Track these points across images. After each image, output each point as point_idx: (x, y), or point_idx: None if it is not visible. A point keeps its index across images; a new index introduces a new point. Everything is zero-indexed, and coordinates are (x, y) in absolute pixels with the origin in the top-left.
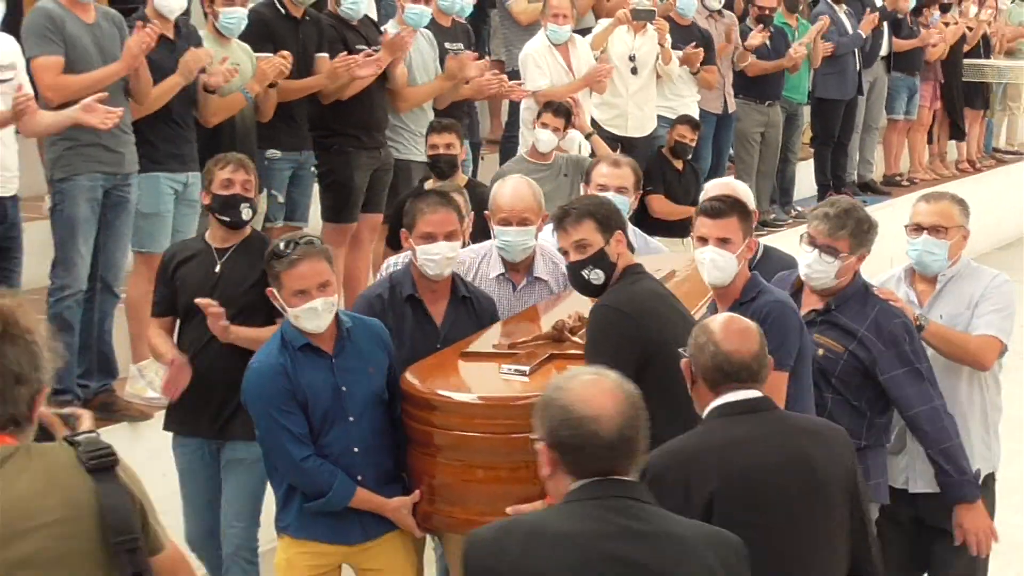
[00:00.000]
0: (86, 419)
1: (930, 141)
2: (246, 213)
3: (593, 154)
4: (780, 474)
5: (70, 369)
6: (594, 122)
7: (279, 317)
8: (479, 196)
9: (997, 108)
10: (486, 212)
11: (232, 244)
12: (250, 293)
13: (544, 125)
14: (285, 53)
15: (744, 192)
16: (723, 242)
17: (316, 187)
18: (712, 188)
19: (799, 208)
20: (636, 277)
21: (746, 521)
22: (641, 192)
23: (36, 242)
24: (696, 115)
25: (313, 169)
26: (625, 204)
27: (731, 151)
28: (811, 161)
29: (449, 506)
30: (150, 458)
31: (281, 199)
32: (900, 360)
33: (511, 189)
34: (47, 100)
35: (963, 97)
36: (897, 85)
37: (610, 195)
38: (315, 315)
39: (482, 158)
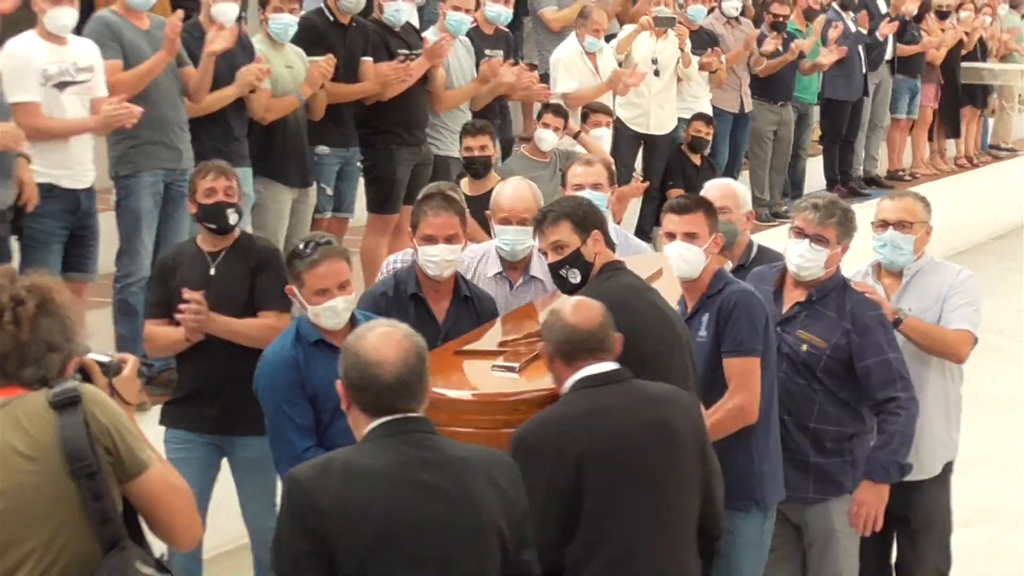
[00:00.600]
0: (129, 364)
1: (931, 139)
2: (232, 218)
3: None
4: (642, 437)
5: (136, 350)
6: (619, 120)
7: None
8: None
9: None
10: (487, 212)
11: (223, 248)
12: (244, 294)
13: (546, 125)
14: (329, 57)
15: (742, 193)
16: (690, 237)
17: (362, 181)
18: (711, 187)
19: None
20: (612, 273)
21: (612, 481)
22: (656, 184)
23: (102, 233)
24: (710, 113)
25: (359, 164)
26: (603, 200)
27: (747, 147)
28: (820, 157)
29: None
30: None
31: (330, 192)
32: (872, 349)
33: (511, 190)
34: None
35: (961, 98)
36: (900, 87)
37: (587, 193)
38: (335, 314)
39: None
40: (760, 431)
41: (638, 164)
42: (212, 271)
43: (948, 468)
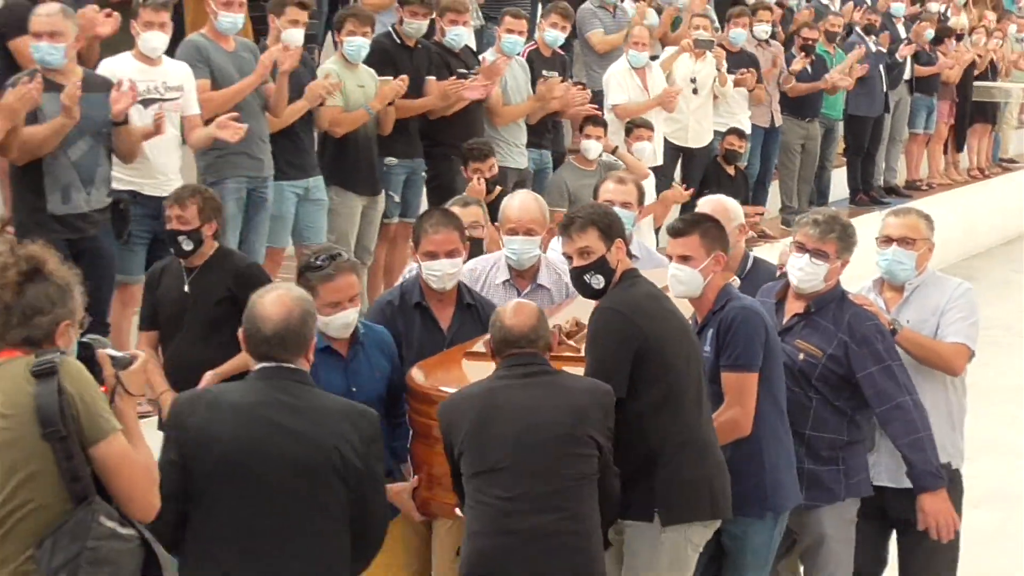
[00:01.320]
0: (139, 360)
1: (945, 152)
2: (186, 245)
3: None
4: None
5: None
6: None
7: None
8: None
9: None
10: (496, 224)
11: (196, 265)
12: (217, 308)
13: (587, 136)
14: (403, 77)
15: (733, 207)
16: (683, 259)
17: (425, 189)
18: (704, 204)
19: (834, 209)
20: (633, 281)
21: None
22: (694, 193)
23: None
24: (748, 129)
25: (423, 174)
26: (630, 217)
27: (776, 159)
28: (844, 168)
29: (445, 493)
30: None
31: (397, 199)
32: (873, 358)
33: (519, 202)
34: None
35: (971, 114)
36: (918, 104)
37: (615, 210)
38: (346, 325)
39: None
40: (771, 439)
41: (677, 174)
42: (187, 287)
43: (956, 475)
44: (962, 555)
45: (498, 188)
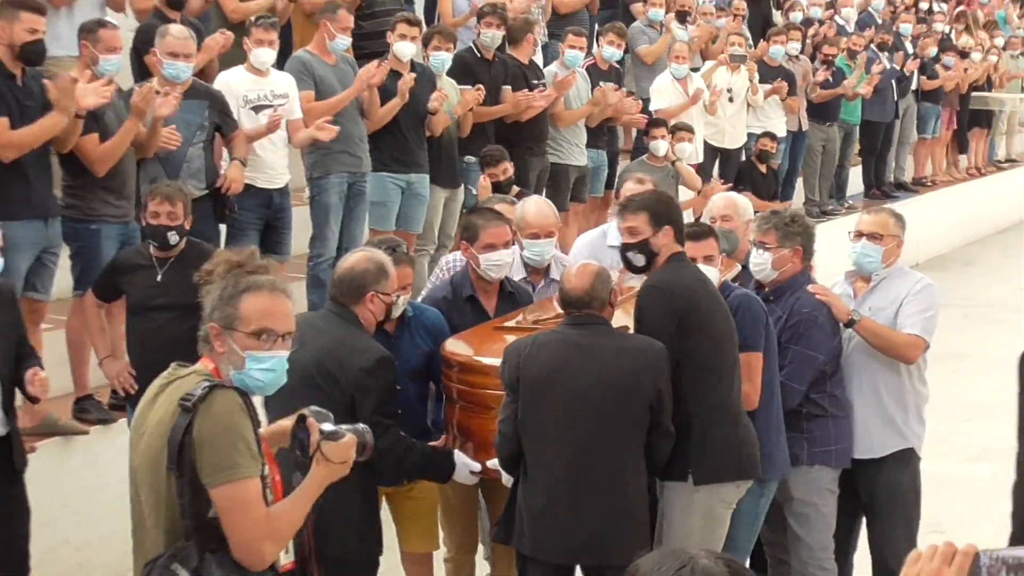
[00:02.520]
0: (345, 438)
1: (947, 153)
2: (172, 239)
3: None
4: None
5: None
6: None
7: None
8: None
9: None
10: (513, 228)
11: (171, 256)
12: (191, 296)
13: (654, 137)
14: (480, 87)
15: (743, 204)
16: (708, 259)
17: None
18: (717, 200)
19: (851, 202)
20: (681, 263)
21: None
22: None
23: (297, 222)
24: (783, 132)
25: None
26: None
27: (802, 160)
28: (860, 167)
29: (475, 454)
30: None
31: (475, 192)
32: (799, 341)
33: (535, 209)
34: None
35: (969, 121)
36: (924, 112)
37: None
38: (397, 310)
39: (619, 164)
40: (762, 415)
41: (715, 171)
42: (159, 277)
43: (911, 455)
44: (964, 502)
45: (515, 188)
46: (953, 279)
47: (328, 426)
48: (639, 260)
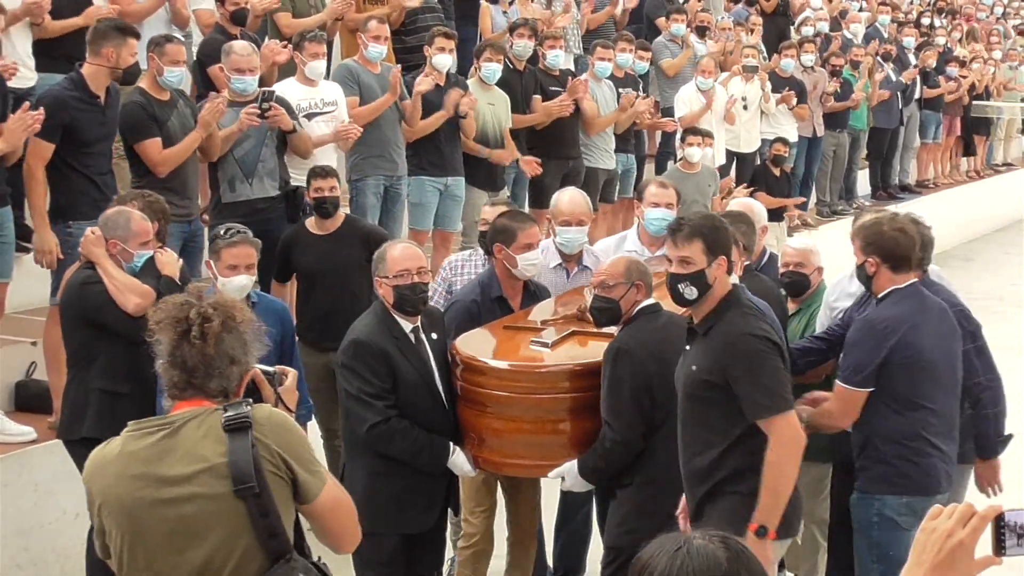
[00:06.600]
0: (291, 376)
1: (951, 157)
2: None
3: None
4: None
5: None
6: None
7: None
8: None
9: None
10: (547, 216)
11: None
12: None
13: (690, 144)
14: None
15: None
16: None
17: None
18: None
19: (859, 202)
20: (739, 307)
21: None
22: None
23: None
24: (793, 138)
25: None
26: (672, 217)
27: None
28: (867, 170)
29: (490, 452)
30: None
31: (508, 194)
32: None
33: (568, 198)
34: None
35: (971, 127)
36: (927, 119)
37: (660, 211)
38: (241, 288)
39: (644, 167)
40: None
41: (732, 173)
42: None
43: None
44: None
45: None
46: (954, 274)
47: (263, 368)
48: (691, 293)
